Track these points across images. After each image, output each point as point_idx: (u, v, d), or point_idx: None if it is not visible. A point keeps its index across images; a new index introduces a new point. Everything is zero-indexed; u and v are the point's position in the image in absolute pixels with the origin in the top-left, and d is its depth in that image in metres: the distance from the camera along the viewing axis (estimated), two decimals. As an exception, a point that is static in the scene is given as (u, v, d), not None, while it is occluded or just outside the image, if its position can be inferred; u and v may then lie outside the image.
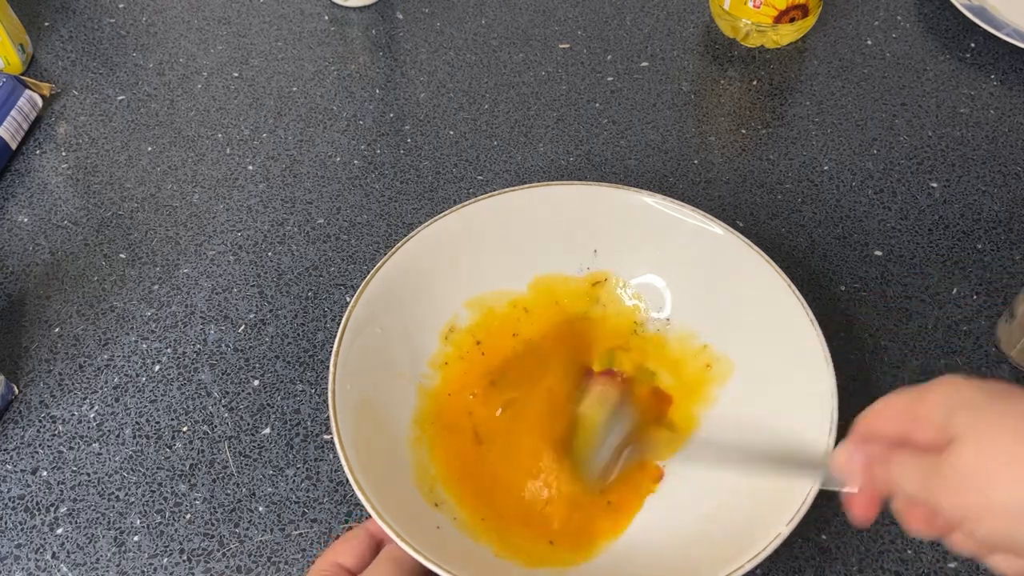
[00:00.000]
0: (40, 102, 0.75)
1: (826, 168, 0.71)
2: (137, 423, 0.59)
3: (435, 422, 0.56)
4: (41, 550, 0.54)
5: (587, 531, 0.53)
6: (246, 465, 0.57)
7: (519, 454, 0.54)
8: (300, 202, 0.69)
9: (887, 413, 0.42)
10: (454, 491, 0.54)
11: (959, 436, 0.37)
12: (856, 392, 0.58)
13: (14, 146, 0.72)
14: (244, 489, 0.56)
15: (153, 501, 0.55)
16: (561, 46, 0.80)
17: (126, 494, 0.56)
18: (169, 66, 0.79)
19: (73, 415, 0.59)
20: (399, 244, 0.59)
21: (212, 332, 0.62)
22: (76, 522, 0.55)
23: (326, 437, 0.58)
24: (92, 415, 0.59)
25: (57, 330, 0.63)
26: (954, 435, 0.37)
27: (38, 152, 0.73)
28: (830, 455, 0.43)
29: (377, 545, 0.49)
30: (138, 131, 0.74)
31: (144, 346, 0.62)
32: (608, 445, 0.54)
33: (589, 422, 0.55)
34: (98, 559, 0.53)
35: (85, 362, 0.61)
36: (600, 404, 0.56)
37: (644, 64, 0.78)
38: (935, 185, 0.70)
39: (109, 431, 0.58)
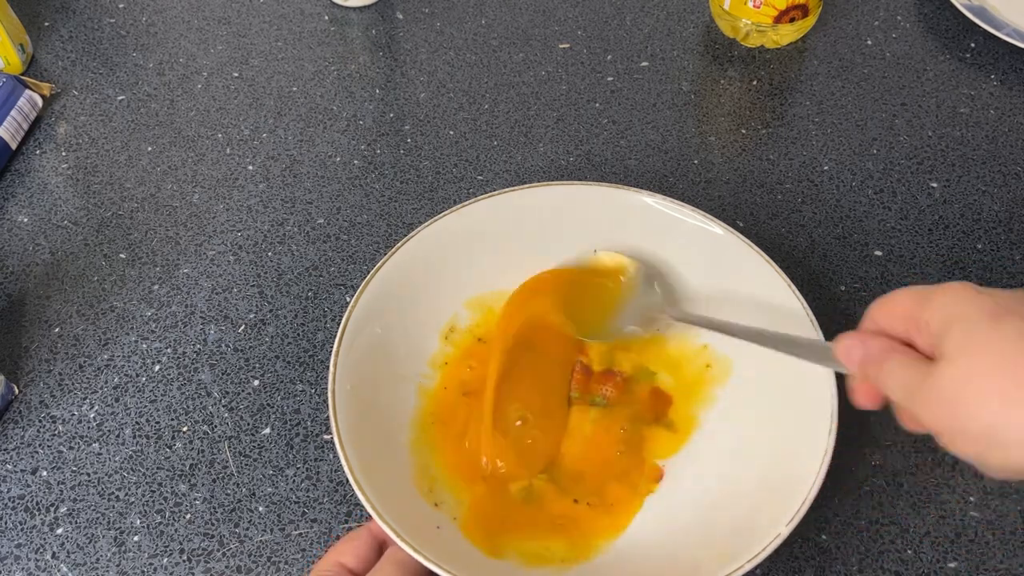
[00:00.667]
0: (40, 102, 0.75)
1: (826, 168, 0.71)
2: (137, 423, 0.59)
3: (435, 420, 0.56)
4: (41, 550, 0.54)
5: (586, 530, 0.53)
6: (246, 465, 0.57)
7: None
8: (300, 202, 0.69)
9: (894, 310, 0.41)
10: (454, 485, 0.54)
11: (947, 354, 0.37)
12: (856, 392, 0.58)
13: (14, 146, 0.72)
14: (244, 489, 0.56)
15: (153, 501, 0.55)
16: (561, 46, 0.80)
17: (126, 494, 0.56)
18: (169, 66, 0.79)
19: (73, 415, 0.59)
20: (399, 244, 0.59)
21: (212, 332, 0.63)
22: (76, 522, 0.55)
23: (326, 437, 0.58)
24: (92, 415, 0.59)
25: (57, 330, 0.63)
26: (944, 351, 0.37)
27: (38, 152, 0.73)
28: (837, 342, 0.43)
29: (380, 546, 0.49)
30: (138, 131, 0.74)
31: (144, 346, 0.62)
32: (628, 315, 0.55)
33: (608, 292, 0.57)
34: (98, 559, 0.53)
35: (85, 362, 0.61)
36: (629, 283, 0.58)
37: (644, 64, 0.78)
38: (935, 185, 0.70)
39: (109, 431, 0.58)
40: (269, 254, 0.66)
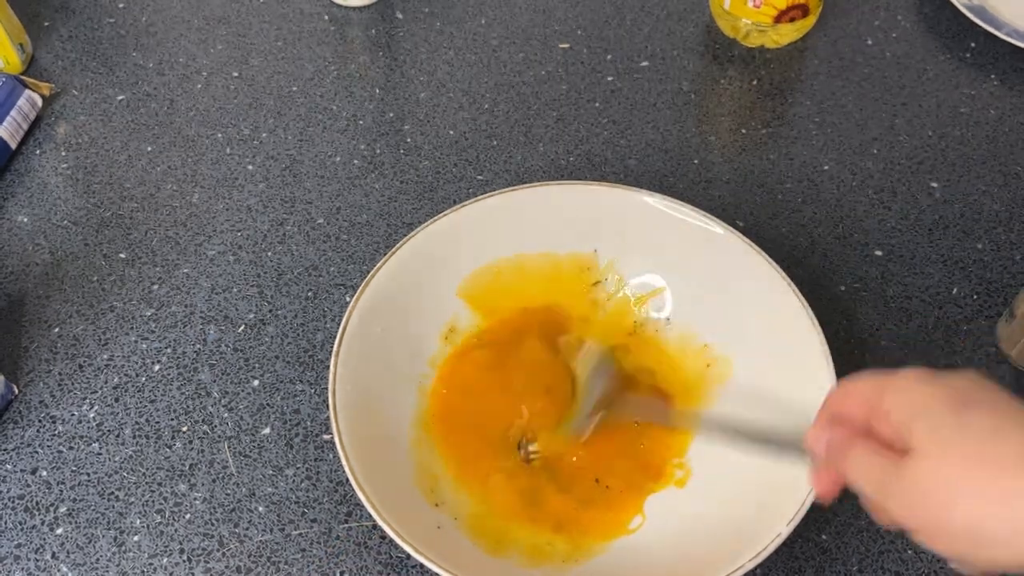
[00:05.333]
0: (40, 102, 0.75)
1: (826, 168, 0.71)
2: (137, 423, 0.59)
3: (435, 420, 0.56)
4: (41, 550, 0.54)
5: (587, 530, 0.53)
6: (246, 465, 0.57)
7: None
8: (300, 202, 0.69)
9: (855, 396, 0.40)
10: (455, 484, 0.54)
11: (918, 448, 0.36)
12: (856, 392, 0.58)
13: (14, 146, 0.72)
14: (244, 489, 0.56)
15: (153, 501, 0.55)
16: (561, 46, 0.80)
17: (126, 494, 0.56)
18: (169, 66, 0.79)
19: (73, 415, 0.59)
20: (399, 244, 0.59)
21: (212, 332, 0.62)
22: (76, 522, 0.55)
23: (326, 437, 0.58)
24: (92, 415, 0.59)
25: (57, 330, 0.63)
26: (913, 444, 0.36)
27: (38, 152, 0.73)
28: (806, 434, 0.43)
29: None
30: (138, 131, 0.74)
31: (144, 346, 0.62)
32: (587, 403, 0.54)
33: (572, 379, 0.56)
34: (98, 559, 0.53)
35: (85, 362, 0.61)
36: (583, 363, 0.56)
37: (644, 64, 0.78)
38: (935, 185, 0.70)
39: (109, 431, 0.58)
40: (269, 254, 0.66)
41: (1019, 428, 0.35)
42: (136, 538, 0.54)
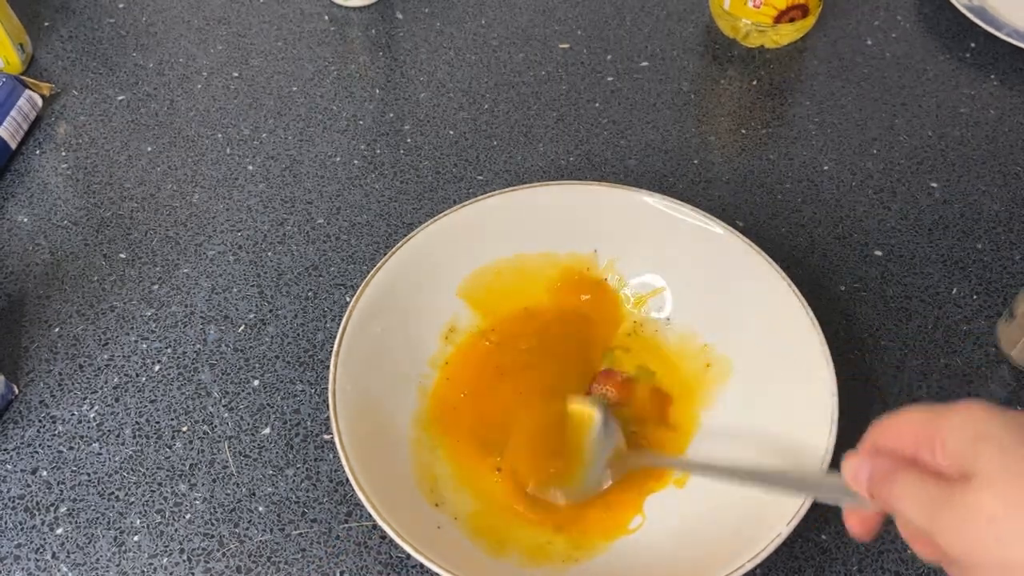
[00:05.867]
0: (40, 102, 0.75)
1: (826, 168, 0.71)
2: (137, 423, 0.59)
3: (435, 420, 0.56)
4: (41, 550, 0.54)
5: (587, 530, 0.53)
6: (246, 465, 0.57)
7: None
8: (300, 202, 0.69)
9: (904, 427, 0.38)
10: (455, 484, 0.54)
11: (981, 474, 0.33)
12: (856, 392, 0.58)
13: (14, 146, 0.72)
14: (244, 489, 0.56)
15: (153, 501, 0.55)
16: (561, 46, 0.80)
17: (126, 494, 0.56)
18: (169, 66, 0.79)
19: (73, 415, 0.59)
20: (399, 244, 0.59)
21: (212, 332, 0.62)
22: (76, 522, 0.55)
23: (326, 437, 0.58)
24: (92, 415, 0.59)
25: (57, 330, 0.63)
26: (975, 471, 0.34)
27: (38, 152, 0.73)
28: (842, 464, 0.40)
29: None
30: (138, 131, 0.74)
31: (144, 346, 0.62)
32: (597, 467, 0.53)
33: (577, 446, 0.54)
34: (98, 559, 0.53)
35: (85, 362, 0.61)
36: (587, 423, 0.55)
37: (644, 64, 0.78)
38: (935, 185, 0.70)
39: (109, 431, 0.58)
40: (269, 254, 0.66)
41: None
42: (136, 538, 0.54)
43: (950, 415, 0.36)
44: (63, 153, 0.73)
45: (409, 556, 0.51)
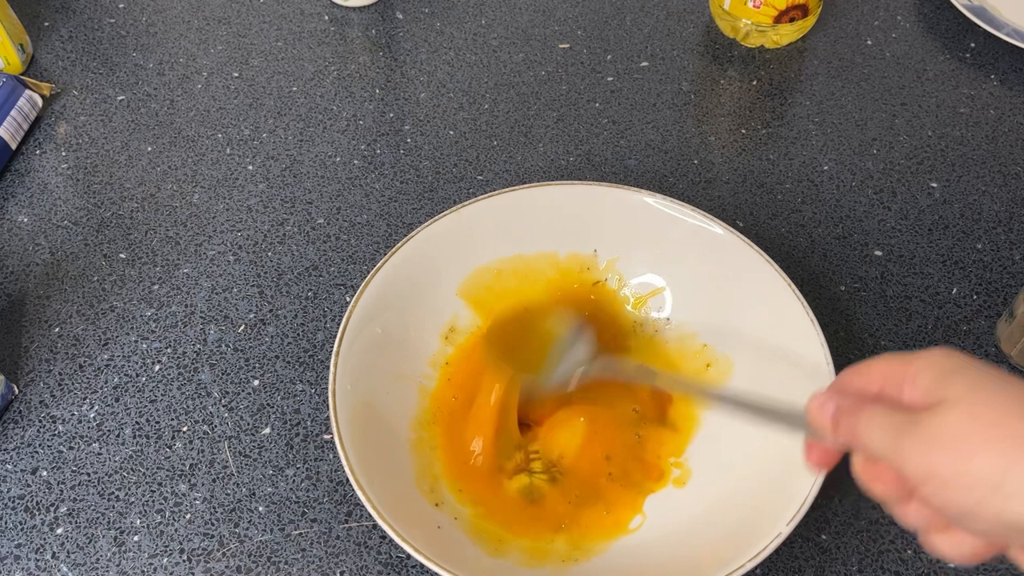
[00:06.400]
0: (40, 102, 0.75)
1: (826, 168, 0.71)
2: (137, 423, 0.59)
3: (435, 420, 0.56)
4: (41, 550, 0.54)
5: (587, 530, 0.53)
6: (246, 465, 0.57)
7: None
8: (300, 202, 0.69)
9: (872, 370, 0.40)
10: (455, 484, 0.54)
11: (950, 398, 0.35)
12: (856, 392, 0.58)
13: (14, 146, 0.72)
14: (244, 489, 0.56)
15: (153, 501, 0.55)
16: (561, 46, 0.80)
17: (126, 494, 0.56)
18: (169, 66, 0.79)
19: (73, 415, 0.59)
20: (399, 244, 0.59)
21: (212, 332, 0.63)
22: (76, 522, 0.55)
23: (326, 437, 0.58)
24: (92, 415, 0.59)
25: (57, 330, 0.63)
26: (944, 397, 0.36)
27: (38, 152, 0.73)
28: (809, 400, 0.42)
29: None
30: (138, 131, 0.74)
31: (144, 346, 0.62)
32: (568, 360, 0.54)
33: (549, 337, 0.55)
34: (98, 559, 0.53)
35: (85, 362, 0.61)
36: (561, 323, 0.56)
37: (644, 64, 0.78)
38: (935, 185, 0.70)
39: (109, 431, 0.58)
40: (269, 254, 0.66)
41: None
42: (136, 538, 0.54)
43: (920, 357, 0.38)
44: (63, 153, 0.73)
45: (409, 556, 0.51)
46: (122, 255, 0.67)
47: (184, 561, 0.53)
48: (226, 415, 0.59)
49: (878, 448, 0.38)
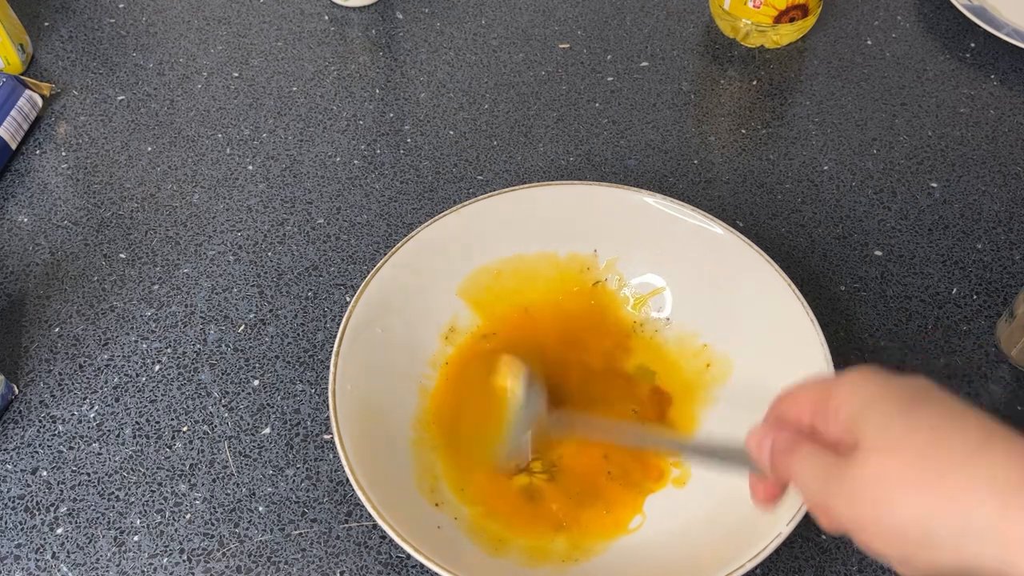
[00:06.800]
0: (40, 102, 0.75)
1: (826, 168, 0.71)
2: (137, 423, 0.59)
3: (435, 420, 0.56)
4: (41, 550, 0.54)
5: (587, 530, 0.53)
6: (246, 465, 0.57)
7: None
8: (300, 202, 0.69)
9: (799, 401, 0.40)
10: (455, 484, 0.54)
11: (864, 445, 0.35)
12: (856, 392, 0.58)
13: (14, 146, 0.72)
14: (244, 489, 0.56)
15: (153, 501, 0.55)
16: (561, 46, 0.80)
17: (126, 494, 0.56)
18: (169, 66, 0.79)
19: (73, 415, 0.59)
20: (399, 244, 0.59)
21: (212, 332, 0.63)
22: (76, 522, 0.55)
23: (326, 437, 0.58)
24: (92, 415, 0.59)
25: (57, 330, 0.63)
26: (859, 441, 0.35)
27: (38, 152, 0.73)
28: (746, 437, 0.42)
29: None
30: (138, 131, 0.74)
31: (144, 346, 0.62)
32: (523, 422, 0.54)
33: (506, 405, 0.55)
34: (98, 559, 0.53)
35: (85, 362, 0.61)
36: (512, 383, 0.55)
37: (644, 64, 0.78)
38: (935, 185, 0.70)
39: (109, 431, 0.58)
40: (269, 254, 0.66)
41: (968, 427, 0.34)
42: (136, 538, 0.54)
43: (840, 384, 0.38)
44: (63, 153, 0.73)
45: (409, 556, 0.51)
46: (122, 255, 0.67)
47: (184, 561, 0.53)
48: (226, 415, 0.59)
49: (810, 494, 0.37)
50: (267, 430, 0.58)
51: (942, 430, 0.34)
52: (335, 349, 0.55)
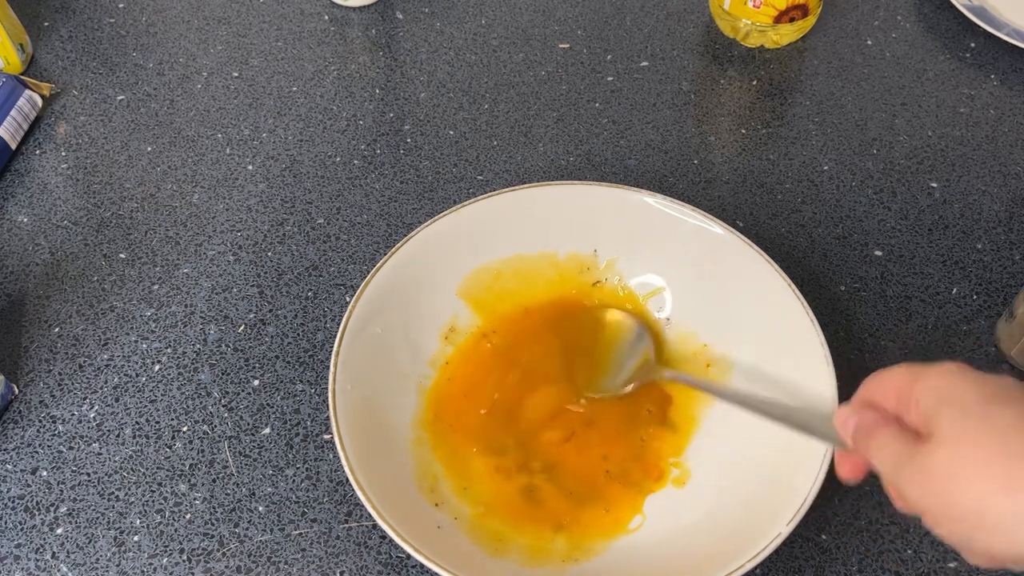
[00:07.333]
0: (40, 102, 0.75)
1: (826, 168, 0.71)
2: (137, 423, 0.59)
3: (435, 420, 0.56)
4: (41, 550, 0.54)
5: (587, 530, 0.53)
6: (246, 465, 0.57)
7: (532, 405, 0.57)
8: (300, 202, 0.69)
9: (888, 384, 0.42)
10: (455, 484, 0.54)
11: (939, 434, 0.37)
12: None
13: (14, 146, 0.72)
14: (244, 489, 0.56)
15: (153, 501, 0.55)
16: (561, 46, 0.80)
17: (126, 494, 0.56)
18: (169, 66, 0.79)
19: (73, 415, 0.59)
20: (399, 244, 0.59)
21: (212, 332, 0.63)
22: (76, 522, 0.55)
23: (326, 437, 0.58)
24: (92, 415, 0.59)
25: (57, 330, 0.63)
26: (935, 430, 0.37)
27: (38, 152, 0.73)
28: (835, 414, 0.44)
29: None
30: (138, 131, 0.74)
31: (144, 346, 0.62)
32: (625, 368, 0.57)
33: (607, 343, 0.58)
34: (98, 559, 0.53)
35: (85, 362, 0.61)
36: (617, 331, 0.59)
37: (644, 64, 0.78)
38: (935, 185, 0.70)
39: (109, 431, 0.58)
40: (269, 254, 0.66)
41: None
42: (136, 538, 0.54)
43: (927, 376, 0.39)
44: (63, 153, 0.73)
45: (409, 556, 0.51)
46: (122, 255, 0.67)
47: (184, 561, 0.53)
48: (226, 415, 0.59)
49: (885, 475, 0.40)
50: (267, 430, 0.58)
51: (1015, 427, 0.36)
52: (335, 349, 0.55)
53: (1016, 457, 0.35)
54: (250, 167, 0.72)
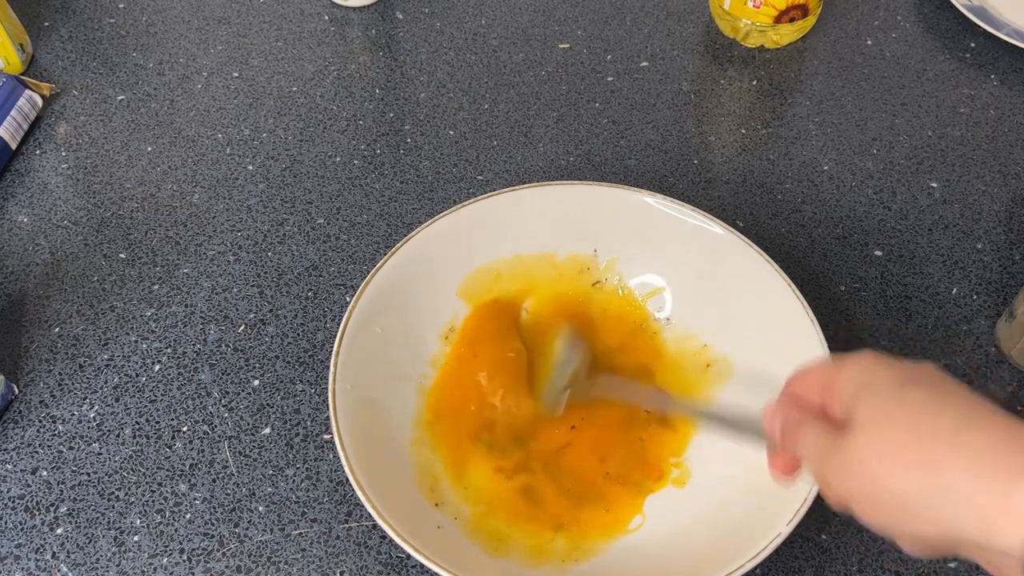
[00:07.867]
0: (40, 102, 0.75)
1: (826, 168, 0.71)
2: (137, 423, 0.59)
3: (435, 419, 0.56)
4: (41, 550, 0.54)
5: (587, 530, 0.53)
6: (246, 465, 0.57)
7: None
8: (300, 202, 0.69)
9: (810, 380, 0.41)
10: (455, 483, 0.54)
11: (857, 421, 0.37)
12: (856, 392, 0.58)
13: (14, 146, 0.72)
14: (244, 489, 0.56)
15: (153, 501, 0.55)
16: (561, 46, 0.80)
17: (126, 494, 0.56)
18: (169, 66, 0.79)
19: (73, 415, 0.59)
20: (399, 244, 0.59)
21: (212, 332, 0.63)
22: (76, 522, 0.55)
23: (326, 437, 0.58)
24: (92, 415, 0.59)
25: (57, 330, 0.63)
26: (854, 418, 0.37)
27: (38, 152, 0.73)
28: (762, 412, 0.43)
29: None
30: (138, 131, 0.74)
31: (144, 346, 0.62)
32: (561, 377, 0.55)
33: (547, 356, 0.57)
34: (98, 559, 0.53)
35: (85, 362, 0.61)
36: (556, 339, 0.57)
37: (644, 64, 0.78)
38: (935, 185, 0.70)
39: (109, 431, 0.58)
40: (269, 254, 0.66)
41: (955, 404, 0.35)
42: (136, 538, 0.54)
43: (844, 365, 0.39)
44: (63, 153, 0.73)
45: (409, 556, 0.51)
46: (122, 255, 0.67)
47: (184, 561, 0.53)
48: (226, 415, 0.59)
49: (813, 470, 0.39)
50: (267, 430, 0.58)
51: (928, 407, 0.35)
52: (335, 349, 0.55)
53: (928, 434, 0.35)
54: (250, 167, 0.72)
